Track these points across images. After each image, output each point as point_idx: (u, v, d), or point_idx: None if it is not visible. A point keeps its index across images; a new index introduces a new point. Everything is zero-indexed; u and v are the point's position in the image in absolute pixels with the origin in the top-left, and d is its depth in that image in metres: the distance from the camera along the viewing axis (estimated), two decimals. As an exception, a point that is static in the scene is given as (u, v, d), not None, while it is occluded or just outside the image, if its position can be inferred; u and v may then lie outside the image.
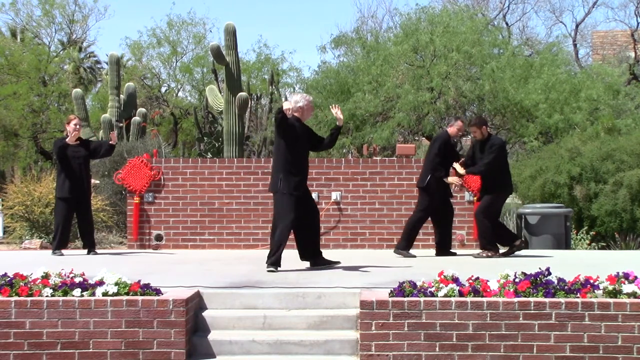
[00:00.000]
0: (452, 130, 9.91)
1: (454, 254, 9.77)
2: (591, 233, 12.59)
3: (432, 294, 5.84)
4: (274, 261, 7.77)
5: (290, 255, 8.12)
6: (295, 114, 7.92)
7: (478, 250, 9.70)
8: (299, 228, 8.02)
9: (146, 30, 43.53)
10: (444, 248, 9.80)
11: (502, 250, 9.72)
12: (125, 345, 5.78)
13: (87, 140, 11.06)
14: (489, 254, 9.37)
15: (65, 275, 6.26)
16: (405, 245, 9.60)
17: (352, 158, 13.90)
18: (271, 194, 8.15)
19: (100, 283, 6.01)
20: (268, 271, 7.70)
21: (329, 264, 8.14)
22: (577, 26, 28.12)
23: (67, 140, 9.97)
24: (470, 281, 6.06)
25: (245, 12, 54.37)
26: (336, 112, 8.10)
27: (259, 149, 21.23)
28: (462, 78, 18.85)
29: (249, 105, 18.70)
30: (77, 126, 10.20)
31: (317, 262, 8.10)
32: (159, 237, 11.24)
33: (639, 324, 5.65)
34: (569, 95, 18.52)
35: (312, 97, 8.28)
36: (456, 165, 9.68)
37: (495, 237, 9.60)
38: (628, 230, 12.50)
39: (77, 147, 10.13)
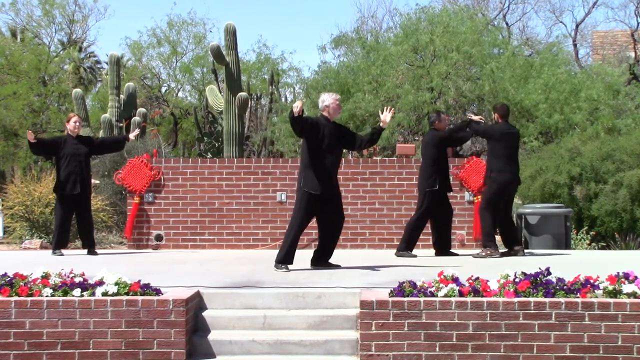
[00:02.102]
0: (440, 125, 9.91)
1: (455, 254, 9.77)
2: (591, 233, 12.58)
3: (432, 294, 5.84)
4: (279, 259, 7.81)
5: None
6: (323, 113, 7.96)
7: (478, 250, 9.71)
8: (320, 230, 8.04)
9: (146, 30, 43.55)
10: (443, 248, 9.80)
11: (501, 249, 9.75)
12: (125, 345, 5.78)
13: (89, 137, 11.09)
14: (488, 252, 9.37)
15: (65, 275, 6.27)
16: (405, 247, 9.60)
17: (352, 158, 13.90)
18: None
19: (100, 283, 6.01)
20: (275, 268, 7.75)
21: (330, 267, 8.13)
22: (577, 26, 28.11)
23: (28, 138, 9.97)
24: (470, 281, 6.06)
25: (245, 12, 54.35)
26: (385, 115, 7.93)
27: (259, 149, 21.25)
28: (462, 78, 18.86)
29: (249, 105, 18.71)
30: (77, 123, 10.22)
31: (319, 263, 8.09)
32: (159, 237, 11.24)
33: (639, 324, 5.65)
34: (569, 95, 18.51)
35: (339, 95, 8.21)
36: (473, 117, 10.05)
37: (503, 236, 9.63)
38: (628, 230, 12.50)
39: (78, 145, 10.12)
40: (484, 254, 9.39)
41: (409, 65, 19.39)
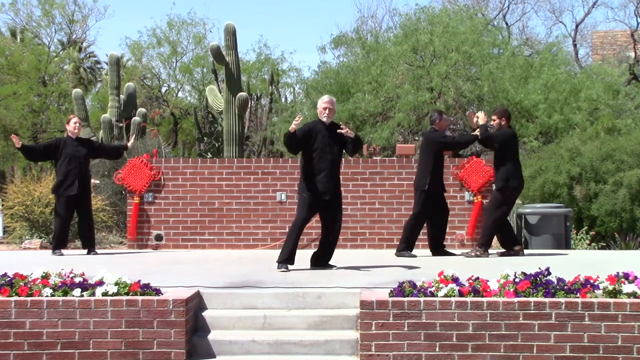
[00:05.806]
0: (441, 125, 9.86)
1: (451, 254, 9.78)
2: (591, 233, 12.59)
3: (432, 294, 5.84)
4: (280, 258, 7.84)
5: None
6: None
7: (468, 250, 9.73)
8: (322, 234, 8.07)
9: (146, 30, 43.61)
10: (439, 247, 9.81)
11: (500, 250, 9.76)
12: (125, 345, 5.78)
13: (89, 140, 11.10)
14: (478, 253, 9.36)
15: (65, 275, 6.27)
16: (405, 247, 9.59)
17: (352, 158, 13.89)
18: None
19: (100, 283, 6.01)
20: (277, 268, 7.76)
21: (329, 267, 8.13)
22: (577, 26, 28.10)
23: (15, 143, 9.99)
24: (470, 281, 6.06)
25: (245, 12, 54.35)
26: (342, 131, 7.79)
27: (259, 149, 21.24)
28: (461, 78, 18.86)
29: (249, 105, 18.70)
30: (77, 124, 10.23)
31: (318, 264, 8.10)
32: (159, 237, 11.24)
33: (639, 324, 5.65)
34: (568, 95, 18.52)
35: (328, 98, 8.12)
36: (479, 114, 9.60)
37: (501, 237, 9.62)
38: (628, 230, 12.51)
39: (78, 146, 10.14)
40: (473, 254, 9.39)
41: (409, 65, 19.39)
